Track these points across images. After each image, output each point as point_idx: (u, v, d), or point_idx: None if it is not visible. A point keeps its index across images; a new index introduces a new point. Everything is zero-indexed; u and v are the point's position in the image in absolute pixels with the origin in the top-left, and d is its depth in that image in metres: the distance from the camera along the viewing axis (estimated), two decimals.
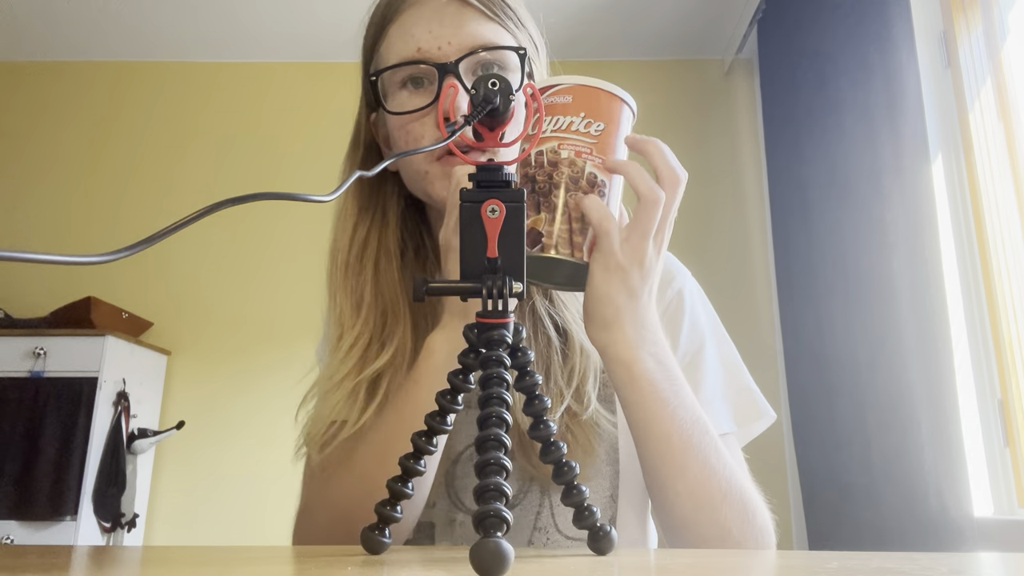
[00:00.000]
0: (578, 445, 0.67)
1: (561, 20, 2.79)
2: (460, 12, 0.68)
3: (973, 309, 1.68)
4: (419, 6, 0.68)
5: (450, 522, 0.70)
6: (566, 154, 0.55)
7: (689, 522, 0.59)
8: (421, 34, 0.67)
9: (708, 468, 0.59)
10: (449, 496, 0.71)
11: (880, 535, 1.69)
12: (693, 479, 0.59)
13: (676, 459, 0.58)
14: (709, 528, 0.59)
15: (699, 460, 0.59)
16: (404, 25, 0.69)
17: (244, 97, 3.03)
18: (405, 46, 0.68)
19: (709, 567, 0.42)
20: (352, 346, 0.68)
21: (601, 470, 0.70)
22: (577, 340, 0.70)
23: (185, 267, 2.85)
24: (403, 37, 0.68)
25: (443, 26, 0.67)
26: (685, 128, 2.94)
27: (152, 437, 2.50)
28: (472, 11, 0.68)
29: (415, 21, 0.68)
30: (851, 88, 1.89)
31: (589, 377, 0.69)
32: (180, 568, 0.44)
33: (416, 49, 0.67)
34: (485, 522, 0.37)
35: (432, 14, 0.68)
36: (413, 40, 0.67)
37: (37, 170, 3.00)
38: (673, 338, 0.74)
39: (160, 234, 0.26)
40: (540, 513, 0.69)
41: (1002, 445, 1.60)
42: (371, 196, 0.74)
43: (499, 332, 0.44)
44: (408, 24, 0.68)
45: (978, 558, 0.56)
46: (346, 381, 0.67)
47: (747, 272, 2.77)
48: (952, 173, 1.75)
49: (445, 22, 0.67)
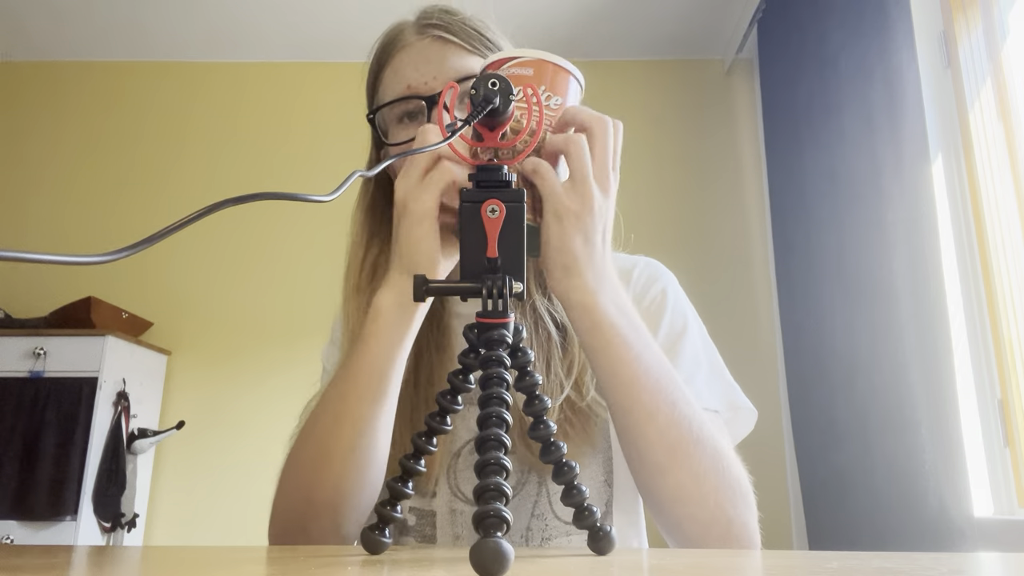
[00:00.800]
0: (576, 433, 0.71)
1: (561, 20, 2.80)
2: (443, 49, 0.76)
3: (973, 309, 1.68)
4: (407, 49, 0.77)
5: (451, 512, 0.74)
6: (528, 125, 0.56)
7: (664, 468, 0.59)
8: (410, 73, 0.76)
9: (678, 412, 0.59)
10: (450, 487, 0.75)
11: (880, 535, 1.69)
12: (664, 423, 0.58)
13: (644, 403, 0.58)
14: (683, 474, 0.59)
15: (668, 403, 0.59)
16: (395, 67, 0.77)
17: (243, 97, 3.03)
18: (397, 85, 0.76)
19: (709, 567, 0.42)
20: None
21: (596, 456, 0.75)
22: (575, 334, 0.72)
23: (185, 267, 2.85)
24: (395, 77, 0.77)
25: (429, 63, 0.75)
26: (685, 128, 2.93)
27: (152, 437, 2.50)
28: (453, 47, 0.76)
29: (405, 63, 0.76)
30: (851, 88, 1.89)
31: (588, 369, 0.72)
32: (180, 568, 0.44)
33: (406, 87, 0.75)
34: (485, 522, 0.37)
35: (418, 54, 0.76)
36: (404, 79, 0.76)
37: (37, 170, 3.00)
38: (654, 327, 0.76)
39: (160, 234, 0.26)
40: (538, 501, 0.73)
41: (1002, 445, 1.60)
42: (381, 222, 0.80)
43: (499, 332, 0.44)
44: (399, 66, 0.77)
45: (978, 558, 0.56)
46: None
47: (747, 272, 2.77)
48: (952, 173, 1.75)
49: (431, 59, 0.75)
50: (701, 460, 0.59)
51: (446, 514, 0.74)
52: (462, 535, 0.73)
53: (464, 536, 0.73)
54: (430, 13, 0.79)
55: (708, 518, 0.59)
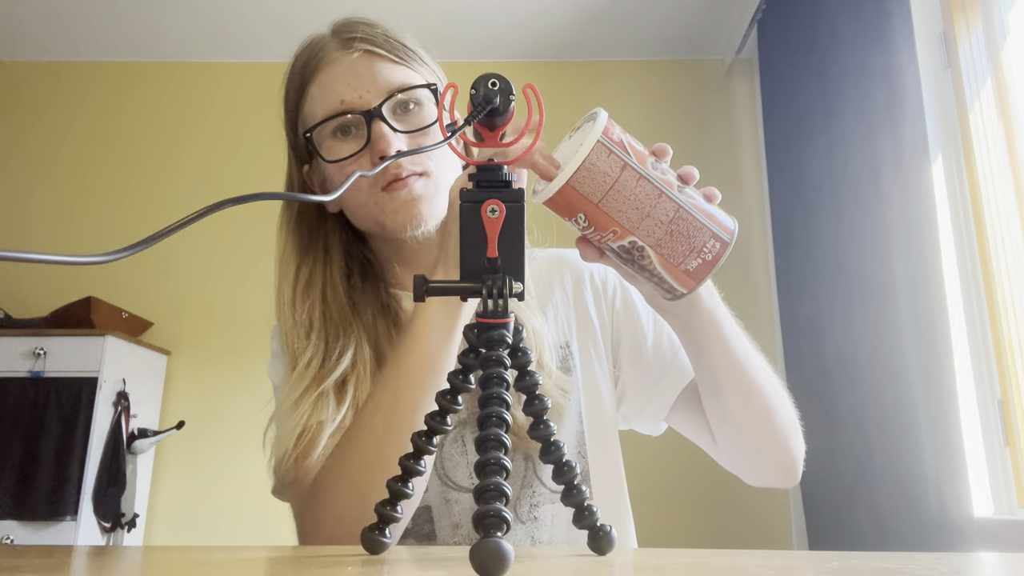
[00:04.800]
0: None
1: (561, 20, 2.79)
2: (371, 63, 0.76)
3: (973, 309, 1.68)
4: (333, 64, 0.77)
5: (445, 502, 0.75)
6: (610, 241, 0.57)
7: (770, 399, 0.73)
8: (341, 88, 0.75)
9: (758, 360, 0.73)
10: (440, 478, 0.75)
11: (880, 535, 1.69)
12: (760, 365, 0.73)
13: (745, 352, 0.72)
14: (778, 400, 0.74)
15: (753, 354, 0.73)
16: (323, 83, 0.77)
17: (244, 97, 3.03)
18: (329, 101, 0.76)
19: (709, 567, 0.42)
20: (308, 364, 0.73)
21: (570, 428, 0.79)
22: (529, 325, 0.78)
23: (185, 267, 2.85)
24: (325, 93, 0.76)
25: (360, 77, 0.75)
26: (685, 128, 2.93)
27: (152, 437, 2.50)
28: (381, 60, 0.77)
29: (333, 78, 0.76)
30: (851, 88, 1.89)
31: (545, 352, 0.77)
32: (180, 568, 0.44)
33: (340, 102, 0.75)
34: (485, 522, 0.37)
35: (347, 69, 0.76)
36: (335, 95, 0.75)
37: (38, 170, 3.00)
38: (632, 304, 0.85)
39: (160, 234, 0.26)
40: (526, 475, 0.76)
41: (1002, 445, 1.60)
42: (311, 237, 0.82)
43: (499, 332, 0.44)
44: (327, 81, 0.76)
45: (978, 558, 0.56)
46: (309, 391, 0.71)
47: (747, 272, 2.77)
48: (952, 173, 1.75)
49: (361, 73, 0.76)
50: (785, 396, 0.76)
51: (441, 505, 0.74)
52: (460, 523, 0.74)
53: (463, 524, 0.74)
54: (352, 27, 0.79)
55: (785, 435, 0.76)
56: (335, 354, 0.73)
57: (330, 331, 0.75)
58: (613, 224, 0.54)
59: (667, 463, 2.41)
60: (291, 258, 0.80)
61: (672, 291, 0.59)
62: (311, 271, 0.79)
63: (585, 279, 0.86)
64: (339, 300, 0.78)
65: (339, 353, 0.73)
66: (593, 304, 0.85)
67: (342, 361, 0.72)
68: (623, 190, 0.54)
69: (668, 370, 0.82)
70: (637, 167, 0.54)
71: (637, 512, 0.85)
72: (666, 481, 2.50)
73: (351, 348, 0.74)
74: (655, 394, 0.82)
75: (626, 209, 0.54)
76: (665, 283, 0.58)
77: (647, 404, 0.83)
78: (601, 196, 0.53)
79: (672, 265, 0.56)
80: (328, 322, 0.76)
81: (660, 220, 0.55)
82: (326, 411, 0.70)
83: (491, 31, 2.81)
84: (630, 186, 0.54)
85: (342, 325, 0.76)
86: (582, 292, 0.86)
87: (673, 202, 0.55)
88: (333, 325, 0.76)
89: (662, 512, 2.48)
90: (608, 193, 0.53)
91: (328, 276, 0.79)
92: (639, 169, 0.54)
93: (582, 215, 0.54)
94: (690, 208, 0.56)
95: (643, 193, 0.54)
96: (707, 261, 0.57)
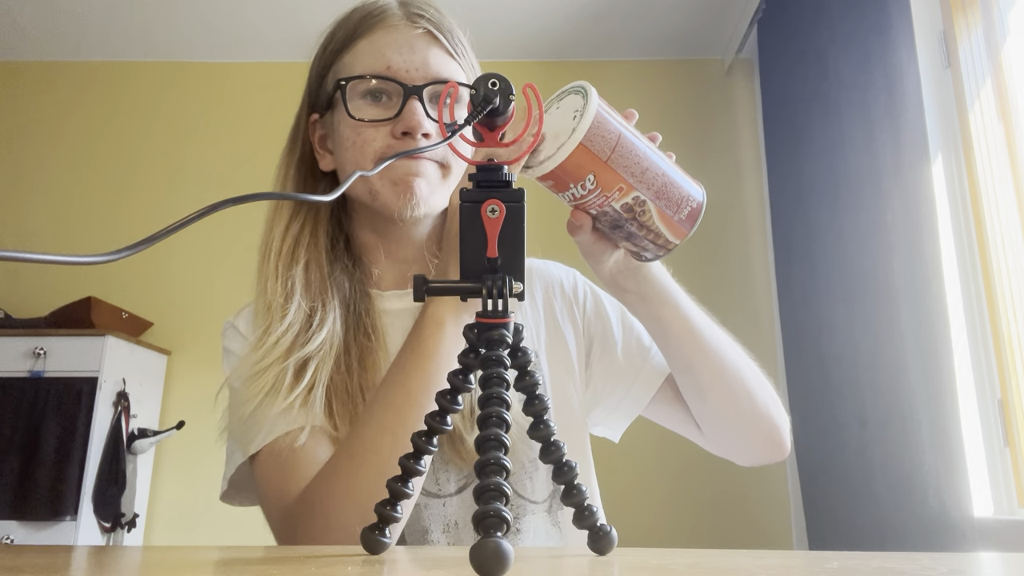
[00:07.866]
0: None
1: (561, 20, 2.79)
2: (429, 44, 0.76)
3: (973, 309, 1.68)
4: (392, 30, 0.76)
5: (436, 493, 0.74)
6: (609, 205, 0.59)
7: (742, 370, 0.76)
8: (392, 54, 0.74)
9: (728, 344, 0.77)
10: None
11: (880, 535, 1.69)
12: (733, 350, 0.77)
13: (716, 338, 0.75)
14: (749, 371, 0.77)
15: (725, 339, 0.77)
16: (376, 42, 0.75)
17: (244, 97, 3.03)
18: (376, 61, 0.74)
19: (709, 567, 0.42)
20: (281, 336, 0.71)
21: None
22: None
23: (185, 267, 2.85)
24: (374, 53, 0.75)
25: (413, 52, 0.75)
26: (685, 128, 2.93)
27: (152, 437, 2.50)
28: (439, 47, 0.77)
29: (388, 42, 0.75)
30: (851, 88, 1.89)
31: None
32: (180, 568, 0.44)
33: (387, 67, 0.74)
34: (485, 522, 0.37)
35: (404, 40, 0.75)
36: (384, 59, 0.74)
37: (37, 170, 3.00)
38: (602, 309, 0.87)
39: (160, 234, 0.26)
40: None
41: (1002, 445, 1.60)
42: (304, 186, 0.81)
43: (499, 332, 0.44)
44: (380, 43, 0.75)
45: (978, 558, 0.56)
46: (273, 366, 0.70)
47: (747, 272, 2.77)
48: (952, 173, 1.75)
49: (416, 49, 0.75)
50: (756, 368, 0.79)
51: (433, 496, 0.73)
52: (429, 528, 0.72)
53: (432, 530, 0.72)
54: (423, 6, 0.78)
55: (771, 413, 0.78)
56: (306, 333, 0.72)
57: (307, 305, 0.74)
58: (620, 181, 0.57)
59: (667, 463, 2.41)
60: (284, 213, 0.78)
61: (666, 245, 0.62)
62: (300, 229, 0.77)
63: (555, 289, 0.87)
64: (321, 272, 0.76)
65: (310, 334, 0.71)
66: (564, 312, 0.86)
67: (311, 343, 0.71)
68: (626, 145, 0.57)
69: (644, 366, 0.83)
70: (628, 126, 0.59)
71: (637, 512, 0.85)
72: (666, 481, 2.50)
73: (323, 330, 0.72)
74: (631, 391, 0.83)
75: (630, 164, 0.57)
76: (660, 237, 0.61)
77: (622, 402, 0.84)
78: (610, 153, 0.56)
79: (668, 216, 0.60)
80: (308, 292, 0.74)
81: (656, 172, 0.59)
82: (279, 390, 0.68)
83: (491, 31, 2.81)
84: (630, 141, 0.57)
85: (320, 300, 0.74)
86: (551, 302, 0.86)
87: (659, 155, 0.60)
88: (310, 299, 0.74)
89: (662, 512, 2.48)
90: (615, 149, 0.56)
91: (314, 237, 0.78)
92: (630, 127, 0.59)
93: (591, 176, 0.56)
94: (670, 162, 0.61)
95: (639, 148, 0.58)
96: (693, 209, 0.62)
